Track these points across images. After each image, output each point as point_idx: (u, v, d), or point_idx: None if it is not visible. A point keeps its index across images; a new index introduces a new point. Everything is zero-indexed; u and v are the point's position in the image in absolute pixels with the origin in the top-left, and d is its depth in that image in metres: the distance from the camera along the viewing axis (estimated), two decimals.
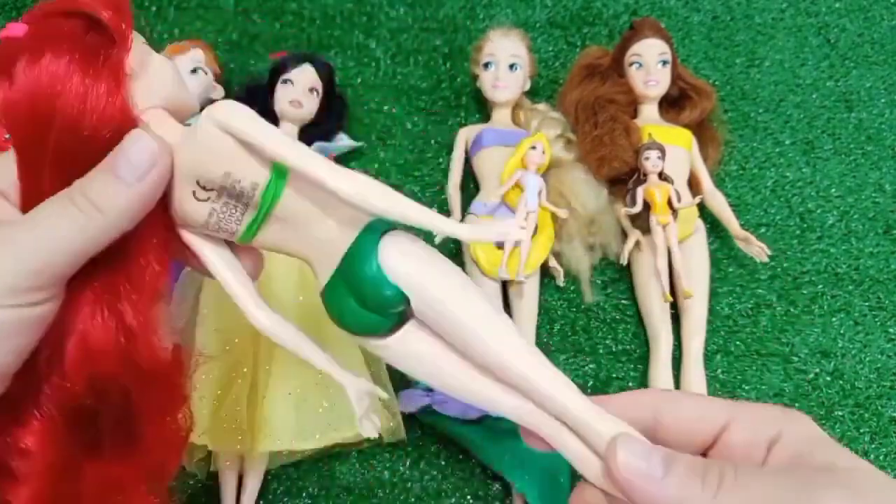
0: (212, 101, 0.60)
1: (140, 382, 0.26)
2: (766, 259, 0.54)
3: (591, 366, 0.55)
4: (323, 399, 0.46)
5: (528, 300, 0.54)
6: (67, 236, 0.23)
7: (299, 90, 0.57)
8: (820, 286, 0.58)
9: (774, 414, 0.24)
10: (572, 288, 0.57)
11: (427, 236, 0.26)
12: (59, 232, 0.23)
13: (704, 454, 0.24)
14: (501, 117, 0.60)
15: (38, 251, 0.23)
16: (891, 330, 0.56)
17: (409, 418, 0.49)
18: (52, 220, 0.23)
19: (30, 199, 0.24)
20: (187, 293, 0.49)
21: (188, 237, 0.27)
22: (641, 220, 0.55)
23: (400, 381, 0.51)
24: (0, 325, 0.22)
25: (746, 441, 0.24)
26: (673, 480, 0.22)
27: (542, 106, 0.61)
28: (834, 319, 0.56)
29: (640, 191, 0.55)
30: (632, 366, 0.55)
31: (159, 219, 0.25)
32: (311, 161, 0.24)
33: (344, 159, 0.61)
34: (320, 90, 0.58)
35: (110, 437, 0.27)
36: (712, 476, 0.21)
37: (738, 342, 0.55)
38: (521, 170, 0.54)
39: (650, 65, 0.58)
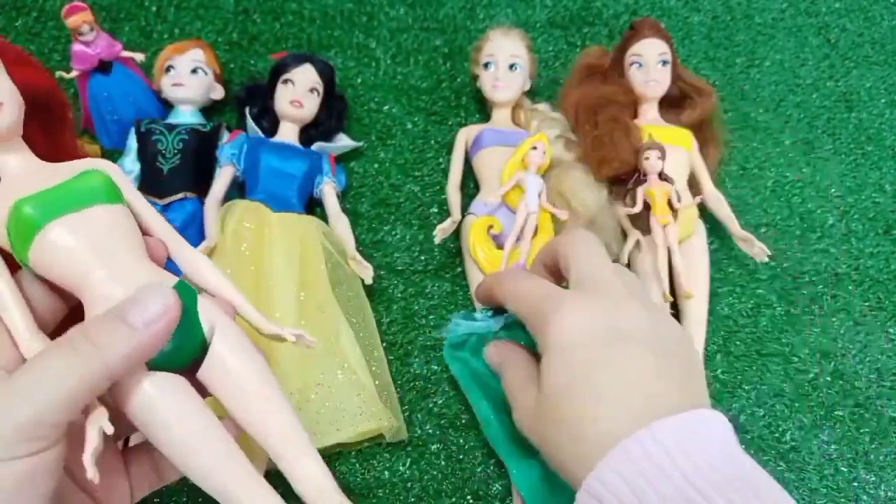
0: (212, 101, 0.61)
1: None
2: (766, 259, 0.54)
3: None
4: (325, 400, 0.46)
5: None
6: (63, 384, 0.23)
7: (300, 90, 0.57)
8: (820, 286, 0.58)
9: (542, 313, 0.32)
10: None
11: (427, 237, 0.27)
12: (53, 379, 0.23)
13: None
14: (501, 117, 0.60)
15: (32, 402, 0.22)
16: (891, 330, 0.56)
17: (409, 418, 0.49)
18: (49, 365, 0.23)
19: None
20: None
21: None
22: (641, 220, 0.55)
23: (401, 380, 0.51)
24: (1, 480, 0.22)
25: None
26: None
27: (542, 106, 0.61)
28: (834, 319, 0.56)
29: (640, 191, 0.55)
30: None
31: None
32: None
33: (344, 159, 0.61)
34: (321, 90, 0.58)
35: None
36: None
37: (738, 342, 0.55)
38: (522, 170, 0.54)
39: (650, 65, 0.58)
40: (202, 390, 0.28)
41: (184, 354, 0.28)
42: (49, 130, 0.30)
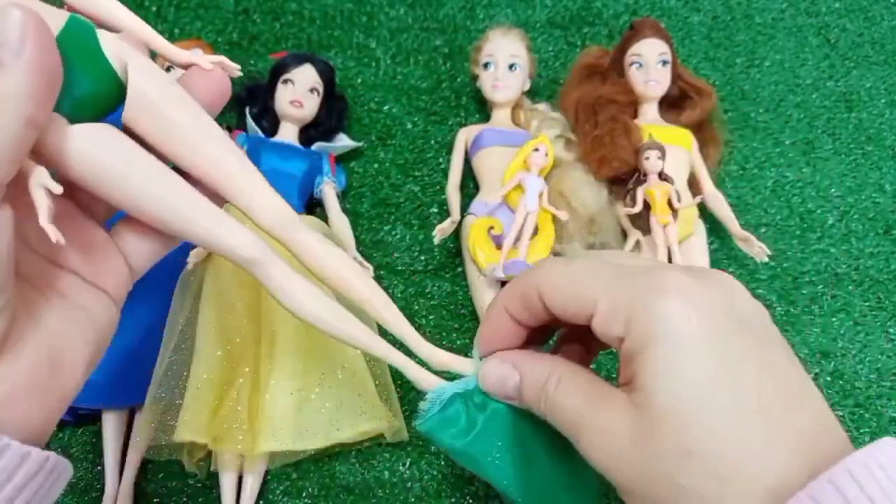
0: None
1: None
2: (766, 259, 0.54)
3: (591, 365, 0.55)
4: (325, 399, 0.46)
5: None
6: None
7: (300, 90, 0.57)
8: (820, 286, 0.58)
9: (623, 312, 0.23)
10: None
11: (427, 237, 0.27)
12: None
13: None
14: (501, 117, 0.60)
15: None
16: (891, 330, 0.56)
17: (409, 418, 0.49)
18: None
19: None
20: (186, 293, 0.49)
21: None
22: (641, 220, 0.55)
23: (401, 380, 0.51)
24: None
25: (603, 332, 0.24)
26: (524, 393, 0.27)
27: (542, 106, 0.61)
28: (834, 319, 0.56)
29: (640, 191, 0.55)
30: None
31: None
32: None
33: (344, 159, 0.61)
34: (321, 90, 0.58)
35: None
36: (543, 389, 0.26)
37: None
38: (523, 171, 0.54)
39: (650, 65, 0.58)
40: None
41: (101, 100, 0.24)
42: None
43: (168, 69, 0.57)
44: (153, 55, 0.28)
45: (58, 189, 0.22)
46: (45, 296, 0.25)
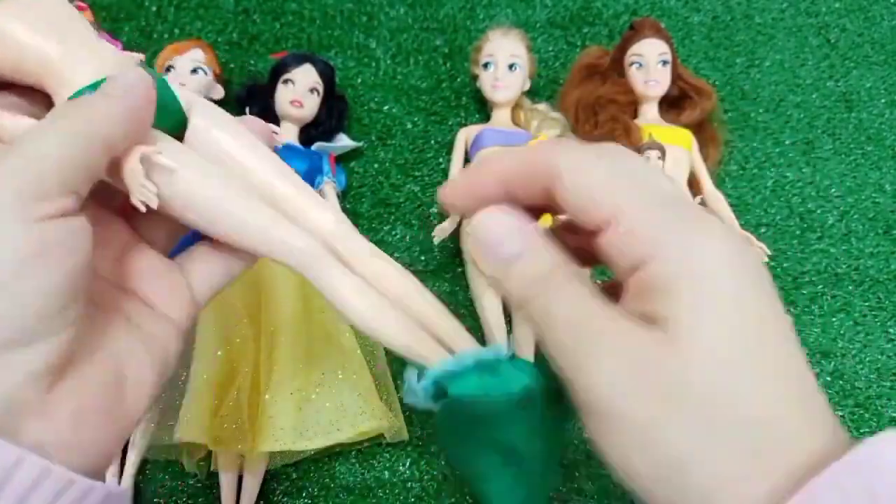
0: (212, 101, 0.61)
1: None
2: (766, 259, 0.54)
3: None
4: (325, 399, 0.46)
5: None
6: (59, 141, 0.21)
7: (300, 90, 0.57)
8: (820, 286, 0.58)
9: (653, 234, 0.19)
10: None
11: (427, 237, 0.26)
12: (49, 141, 0.21)
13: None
14: (501, 117, 0.60)
15: (35, 162, 0.21)
16: (891, 330, 0.56)
17: (409, 418, 0.49)
18: (38, 133, 0.21)
19: None
20: None
21: None
22: None
23: (402, 379, 0.51)
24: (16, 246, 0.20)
25: (616, 250, 0.20)
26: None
27: (542, 106, 0.61)
28: (834, 319, 0.56)
29: None
30: None
31: None
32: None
33: (344, 159, 0.61)
34: (321, 90, 0.58)
35: None
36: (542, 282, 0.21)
37: None
38: None
39: (650, 65, 0.58)
40: None
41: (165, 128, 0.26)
42: None
43: (168, 69, 0.57)
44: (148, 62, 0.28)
45: (172, 165, 0.24)
46: (112, 319, 0.24)
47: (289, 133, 0.57)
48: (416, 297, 0.27)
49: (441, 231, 0.53)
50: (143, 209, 0.23)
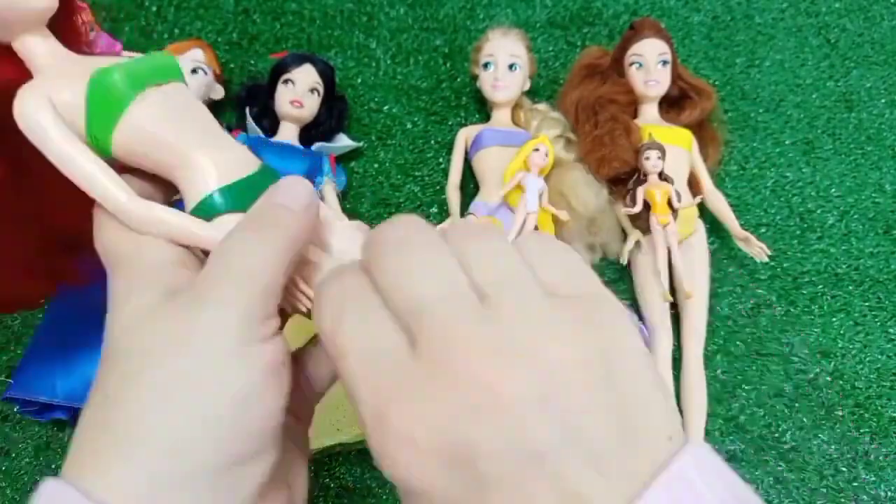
0: (212, 101, 0.61)
1: None
2: (766, 259, 0.54)
3: None
4: (325, 400, 0.46)
5: None
6: (263, 256, 0.22)
7: (300, 90, 0.57)
8: (820, 286, 0.58)
9: None
10: None
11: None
12: (255, 254, 0.22)
13: None
14: (501, 117, 0.60)
15: (245, 280, 0.21)
16: (891, 330, 0.56)
17: None
18: (236, 243, 0.22)
19: None
20: None
21: None
22: (641, 220, 0.55)
23: None
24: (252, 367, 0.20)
25: None
26: None
27: (542, 106, 0.61)
28: (834, 319, 0.56)
29: (640, 191, 0.55)
30: None
31: None
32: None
33: (344, 159, 0.61)
34: (321, 90, 0.58)
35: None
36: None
37: (738, 342, 0.55)
38: (523, 171, 0.54)
39: (650, 65, 0.58)
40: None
41: None
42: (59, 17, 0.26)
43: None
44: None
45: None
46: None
47: (289, 133, 0.57)
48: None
49: (440, 231, 0.53)
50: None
